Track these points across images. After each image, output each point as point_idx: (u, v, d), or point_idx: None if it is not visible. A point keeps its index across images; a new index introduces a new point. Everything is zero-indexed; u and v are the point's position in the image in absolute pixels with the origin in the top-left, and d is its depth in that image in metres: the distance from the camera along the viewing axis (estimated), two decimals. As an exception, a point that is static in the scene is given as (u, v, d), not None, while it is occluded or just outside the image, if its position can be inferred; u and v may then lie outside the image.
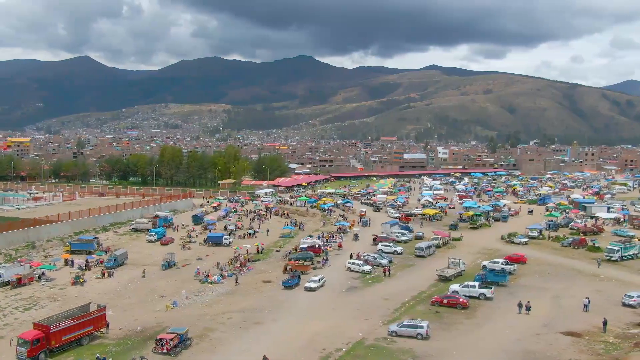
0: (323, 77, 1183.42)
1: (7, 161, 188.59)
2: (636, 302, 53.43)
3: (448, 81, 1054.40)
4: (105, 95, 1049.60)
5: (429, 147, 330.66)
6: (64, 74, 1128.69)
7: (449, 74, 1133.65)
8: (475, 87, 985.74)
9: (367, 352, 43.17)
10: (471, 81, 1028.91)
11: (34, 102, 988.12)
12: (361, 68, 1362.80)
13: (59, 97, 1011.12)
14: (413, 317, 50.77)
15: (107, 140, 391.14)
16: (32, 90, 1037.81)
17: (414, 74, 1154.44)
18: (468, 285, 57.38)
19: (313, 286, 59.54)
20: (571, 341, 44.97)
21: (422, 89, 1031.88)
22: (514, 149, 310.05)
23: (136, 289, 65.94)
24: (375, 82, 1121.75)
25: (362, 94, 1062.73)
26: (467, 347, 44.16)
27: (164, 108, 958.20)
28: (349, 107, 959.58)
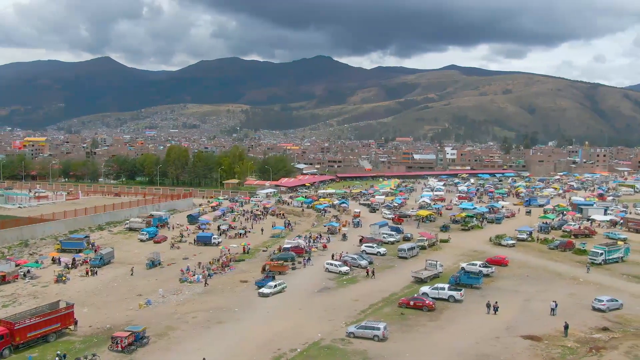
0: (341, 78, 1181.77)
1: (19, 160, 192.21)
2: (605, 306, 52.73)
3: (467, 81, 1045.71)
4: (125, 95, 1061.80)
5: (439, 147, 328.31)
6: (85, 74, 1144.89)
7: (468, 74, 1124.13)
8: (495, 87, 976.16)
9: (320, 352, 43.35)
10: (490, 81, 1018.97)
11: (56, 102, 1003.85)
12: (379, 68, 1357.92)
13: (80, 97, 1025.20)
14: (378, 319, 50.82)
15: (121, 140, 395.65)
16: (54, 90, 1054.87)
17: (433, 74, 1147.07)
18: (438, 287, 57.19)
19: (266, 292, 58.43)
20: (529, 345, 44.61)
21: (440, 89, 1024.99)
22: (526, 149, 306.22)
23: (117, 287, 66.82)
24: (394, 83, 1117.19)
25: (380, 94, 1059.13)
26: (422, 349, 44.09)
27: (182, 108, 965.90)
28: (366, 107, 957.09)
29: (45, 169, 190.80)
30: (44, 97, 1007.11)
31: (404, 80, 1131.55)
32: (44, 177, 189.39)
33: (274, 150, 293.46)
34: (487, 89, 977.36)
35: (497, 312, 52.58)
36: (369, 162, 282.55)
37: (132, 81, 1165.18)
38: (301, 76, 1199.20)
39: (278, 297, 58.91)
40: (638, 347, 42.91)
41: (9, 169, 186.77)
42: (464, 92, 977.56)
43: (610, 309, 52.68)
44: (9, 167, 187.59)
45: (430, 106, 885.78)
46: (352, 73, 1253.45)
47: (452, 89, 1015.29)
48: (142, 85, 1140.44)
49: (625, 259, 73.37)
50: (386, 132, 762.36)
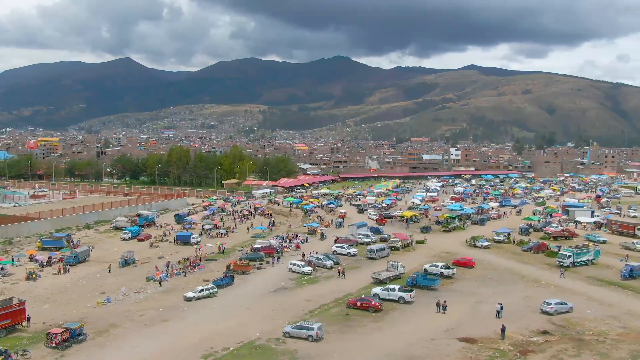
0: (359, 78, 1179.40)
1: (25, 160, 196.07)
2: (553, 309, 52.22)
3: (486, 81, 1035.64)
4: (145, 96, 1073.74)
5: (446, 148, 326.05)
6: (106, 75, 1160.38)
7: (488, 74, 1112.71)
8: (514, 87, 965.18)
9: (250, 352, 43.72)
10: (509, 81, 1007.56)
11: (78, 102, 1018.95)
12: (398, 68, 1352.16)
13: (101, 97, 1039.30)
14: (327, 319, 51.19)
15: (134, 140, 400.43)
16: (76, 91, 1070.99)
17: (452, 74, 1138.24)
18: (388, 288, 57.15)
19: (190, 296, 57.97)
20: (462, 347, 44.42)
21: (459, 89, 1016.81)
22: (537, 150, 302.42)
23: (85, 285, 67.98)
24: (412, 83, 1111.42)
25: (398, 95, 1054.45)
26: (352, 350, 44.18)
27: (200, 108, 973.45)
28: (384, 107, 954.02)
29: (51, 168, 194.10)
30: (66, 98, 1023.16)
31: (422, 80, 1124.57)
32: (50, 176, 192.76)
33: (281, 150, 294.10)
34: (506, 89, 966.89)
35: (445, 311, 52.81)
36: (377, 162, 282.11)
37: (152, 82, 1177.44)
38: (319, 76, 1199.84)
39: (230, 296, 59.58)
40: (566, 351, 42.44)
41: (16, 168, 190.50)
42: (482, 92, 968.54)
43: (558, 312, 52.14)
44: (15, 167, 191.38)
45: (448, 106, 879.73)
46: (370, 73, 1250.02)
47: (470, 89, 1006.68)
48: (162, 85, 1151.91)
49: (596, 261, 72.33)
50: (403, 132, 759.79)
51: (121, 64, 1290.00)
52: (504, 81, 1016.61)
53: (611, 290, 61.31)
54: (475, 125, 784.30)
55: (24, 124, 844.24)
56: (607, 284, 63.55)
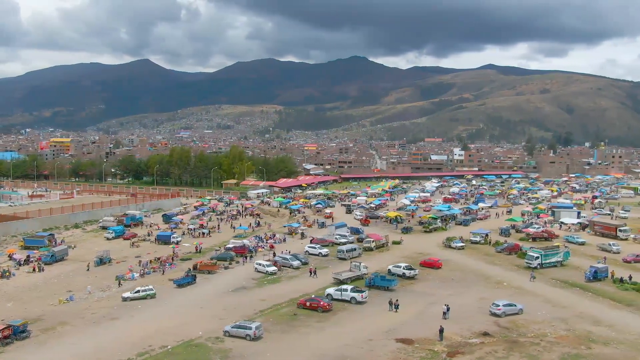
0: (376, 78, 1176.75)
1: (31, 161, 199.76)
2: (501, 310, 51.89)
3: (504, 81, 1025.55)
4: (163, 96, 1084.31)
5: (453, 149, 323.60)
6: (125, 76, 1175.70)
7: (506, 73, 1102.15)
8: (532, 87, 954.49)
9: (186, 350, 44.20)
10: (527, 81, 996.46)
11: (97, 103, 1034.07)
12: (415, 68, 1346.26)
13: (119, 98, 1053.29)
14: (273, 319, 51.65)
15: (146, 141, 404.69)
16: (95, 92, 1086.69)
17: (469, 73, 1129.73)
18: (341, 289, 57.29)
19: (125, 296, 58.45)
20: (397, 348, 44.40)
21: (476, 89, 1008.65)
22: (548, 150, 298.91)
23: (56, 283, 69.29)
24: (429, 83, 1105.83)
25: (415, 95, 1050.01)
26: (287, 349, 44.45)
27: (217, 109, 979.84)
28: (400, 107, 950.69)
29: (55, 168, 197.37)
30: (85, 99, 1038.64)
31: (439, 80, 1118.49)
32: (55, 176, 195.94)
33: (287, 150, 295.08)
34: (524, 88, 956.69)
35: (397, 309, 53.30)
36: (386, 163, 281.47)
37: (170, 83, 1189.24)
38: (336, 77, 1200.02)
39: (188, 295, 60.24)
40: (495, 353, 42.20)
41: (21, 168, 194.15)
42: (500, 91, 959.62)
43: (506, 314, 51.77)
44: (21, 167, 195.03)
45: (464, 106, 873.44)
46: (387, 73, 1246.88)
47: (488, 88, 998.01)
48: (180, 86, 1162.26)
49: (566, 263, 71.52)
50: (419, 132, 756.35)
51: (140, 65, 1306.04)
52: (522, 81, 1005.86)
53: (571, 292, 60.63)
54: (492, 125, 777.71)
55: (45, 124, 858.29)
56: (569, 285, 62.84)
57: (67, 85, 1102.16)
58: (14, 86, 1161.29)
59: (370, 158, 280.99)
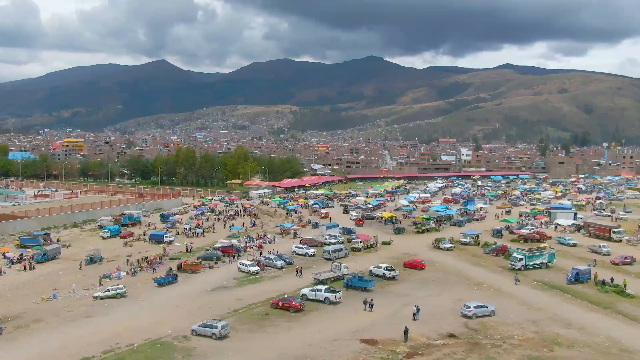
0: (392, 78, 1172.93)
1: (41, 161, 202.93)
2: (472, 312, 51.65)
3: (521, 80, 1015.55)
4: (179, 97, 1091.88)
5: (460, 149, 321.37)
6: (142, 77, 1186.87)
7: (523, 73, 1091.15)
8: (550, 87, 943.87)
9: (151, 348, 44.73)
10: (546, 80, 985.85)
11: (115, 104, 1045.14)
12: (432, 68, 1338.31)
13: (137, 99, 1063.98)
14: (244, 318, 52.05)
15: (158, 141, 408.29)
16: (113, 93, 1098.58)
17: (486, 73, 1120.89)
18: (315, 289, 57.49)
19: (96, 295, 59.30)
20: (359, 349, 44.47)
21: (493, 88, 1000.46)
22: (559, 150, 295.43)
23: (43, 281, 70.24)
24: (445, 82, 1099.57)
25: (431, 94, 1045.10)
26: (249, 348, 44.76)
27: (233, 109, 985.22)
28: (416, 107, 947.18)
29: (65, 168, 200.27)
30: (103, 100, 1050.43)
31: (455, 80, 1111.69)
32: (65, 176, 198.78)
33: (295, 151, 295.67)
34: (542, 88, 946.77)
35: (372, 309, 53.67)
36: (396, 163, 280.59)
37: (187, 83, 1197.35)
38: (352, 77, 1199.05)
39: (166, 293, 60.84)
40: (453, 355, 42.13)
41: (31, 168, 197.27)
42: (517, 91, 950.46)
43: (477, 316, 51.52)
44: (31, 167, 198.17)
45: (481, 106, 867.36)
46: (403, 73, 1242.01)
47: (505, 88, 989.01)
48: (196, 87, 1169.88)
49: (551, 264, 70.83)
50: (435, 132, 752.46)
51: (157, 66, 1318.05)
52: (540, 80, 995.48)
53: (550, 294, 60.09)
54: (509, 125, 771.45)
55: (64, 125, 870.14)
56: (550, 287, 62.28)
57: (86, 86, 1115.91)
58: (35, 87, 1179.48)
59: (380, 158, 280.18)
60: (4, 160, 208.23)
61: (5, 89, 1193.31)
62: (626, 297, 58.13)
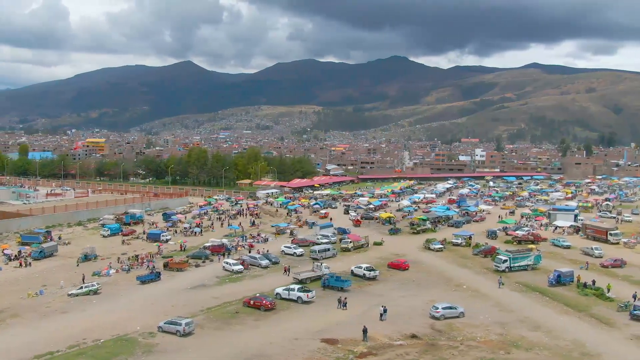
0: (416, 78, 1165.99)
1: (59, 161, 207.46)
2: (440, 313, 51.42)
3: (548, 80, 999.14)
4: (204, 98, 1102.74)
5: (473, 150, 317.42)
6: (168, 78, 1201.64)
7: (550, 72, 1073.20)
8: (577, 86, 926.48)
9: (115, 344, 45.66)
10: (573, 79, 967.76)
11: (141, 105, 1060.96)
12: (457, 68, 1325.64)
13: (163, 100, 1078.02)
14: (214, 316, 52.82)
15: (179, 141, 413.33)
16: (140, 94, 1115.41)
17: (512, 72, 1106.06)
18: (289, 288, 57.89)
19: (71, 292, 60.63)
20: (318, 348, 44.72)
21: (519, 88, 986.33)
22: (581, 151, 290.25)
23: (36, 277, 72.23)
24: (470, 82, 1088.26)
25: (456, 94, 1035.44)
26: (210, 346, 45.34)
27: (257, 110, 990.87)
28: (440, 107, 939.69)
29: (81, 168, 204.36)
30: (130, 100, 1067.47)
31: (481, 79, 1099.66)
32: (82, 176, 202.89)
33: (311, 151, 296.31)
34: (570, 87, 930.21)
35: (346, 307, 54.33)
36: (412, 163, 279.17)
37: (212, 84, 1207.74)
38: (376, 77, 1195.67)
39: (146, 291, 61.98)
40: (405, 356, 42.10)
41: (49, 167, 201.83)
42: (543, 91, 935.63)
43: (445, 317, 51.27)
44: (48, 166, 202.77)
45: (506, 106, 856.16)
46: (427, 73, 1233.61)
47: (531, 88, 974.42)
48: (221, 88, 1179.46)
49: (538, 266, 69.92)
50: (459, 132, 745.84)
51: (183, 67, 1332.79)
52: (568, 80, 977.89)
53: (528, 296, 59.40)
54: (534, 126, 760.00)
55: (91, 125, 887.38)
56: (531, 290, 61.51)
57: (114, 87, 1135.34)
58: (64, 88, 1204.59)
59: (395, 159, 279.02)
60: (23, 159, 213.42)
61: (36, 90, 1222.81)
62: (605, 300, 57.14)
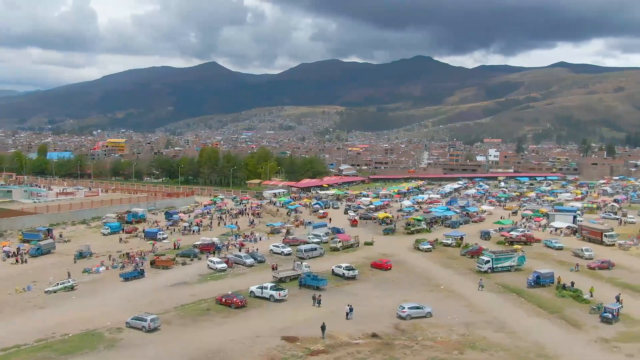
0: (440, 78, 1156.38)
1: (75, 161, 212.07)
2: (406, 313, 51.49)
3: (575, 79, 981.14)
4: (228, 98, 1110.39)
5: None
6: (193, 79, 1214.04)
7: (578, 71, 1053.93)
8: (605, 85, 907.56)
9: (81, 338, 46.94)
10: (601, 79, 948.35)
11: (166, 106, 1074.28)
12: (482, 67, 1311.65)
13: (187, 101, 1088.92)
14: (184, 313, 53.86)
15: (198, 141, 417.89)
16: (165, 95, 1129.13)
17: (538, 72, 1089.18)
18: (262, 286, 58.54)
19: (48, 289, 61.81)
20: (276, 345, 45.27)
21: (545, 87, 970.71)
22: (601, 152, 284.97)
23: (30, 274, 73.80)
24: (495, 82, 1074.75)
25: (480, 94, 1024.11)
26: (172, 342, 46.24)
27: (280, 110, 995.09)
28: (463, 107, 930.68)
29: (97, 168, 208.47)
30: (155, 101, 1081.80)
31: (506, 79, 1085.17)
32: (98, 175, 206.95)
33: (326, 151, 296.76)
34: (597, 87, 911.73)
35: (320, 304, 55.17)
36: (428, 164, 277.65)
37: (236, 85, 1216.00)
38: (399, 77, 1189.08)
39: (125, 287, 63.29)
40: (356, 354, 42.41)
41: (66, 167, 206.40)
42: (570, 90, 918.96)
43: (411, 317, 51.29)
44: (65, 166, 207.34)
45: (531, 106, 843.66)
46: (451, 73, 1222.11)
47: (557, 87, 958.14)
48: (245, 88, 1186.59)
49: (522, 267, 69.27)
50: (483, 132, 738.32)
51: (207, 68, 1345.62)
52: (595, 79, 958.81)
53: (504, 297, 58.98)
54: (560, 126, 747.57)
55: (117, 126, 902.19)
56: (508, 291, 61.04)
57: (139, 88, 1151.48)
58: (92, 89, 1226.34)
59: (411, 159, 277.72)
60: (41, 159, 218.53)
61: (65, 92, 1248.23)
62: (581, 302, 56.39)
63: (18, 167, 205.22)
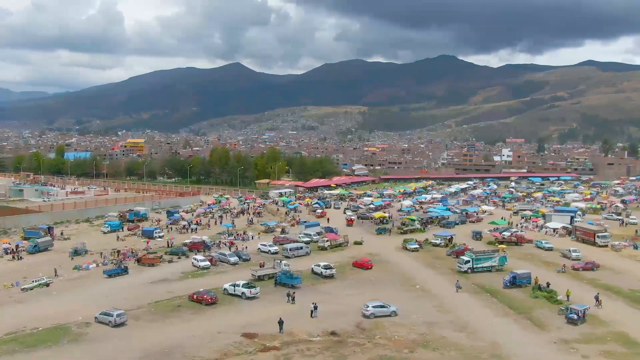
0: (464, 77, 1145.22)
1: (91, 161, 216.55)
2: (370, 312, 51.73)
3: (602, 78, 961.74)
4: (252, 99, 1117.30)
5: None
6: (217, 80, 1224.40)
7: (606, 69, 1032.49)
8: (634, 84, 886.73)
9: (49, 332, 48.32)
10: (629, 77, 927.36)
11: (190, 106, 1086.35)
12: (507, 66, 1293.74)
13: (211, 101, 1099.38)
14: (155, 309, 55.01)
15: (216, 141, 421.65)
16: (190, 95, 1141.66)
17: (564, 70, 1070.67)
18: (235, 284, 59.33)
19: (23, 287, 62.92)
20: (234, 341, 45.98)
21: (571, 86, 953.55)
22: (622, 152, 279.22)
23: (23, 270, 75.58)
24: (520, 81, 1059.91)
25: (504, 94, 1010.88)
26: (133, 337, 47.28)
27: (302, 110, 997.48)
28: (487, 107, 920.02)
29: (112, 167, 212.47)
30: (180, 102, 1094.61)
31: (531, 78, 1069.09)
32: (113, 175, 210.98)
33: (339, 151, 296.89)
34: (626, 85, 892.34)
35: (294, 301, 56.03)
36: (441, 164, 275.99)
37: (260, 85, 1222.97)
38: (423, 76, 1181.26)
39: (106, 284, 64.72)
40: (305, 351, 42.80)
41: (81, 167, 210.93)
42: (597, 89, 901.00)
43: (376, 316, 51.49)
44: (81, 166, 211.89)
45: (557, 105, 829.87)
46: (476, 72, 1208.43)
47: (584, 86, 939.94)
48: (269, 88, 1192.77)
49: (503, 267, 68.75)
50: (507, 132, 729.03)
51: (231, 69, 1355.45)
52: (624, 77, 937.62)
53: (476, 298, 58.61)
54: (587, 125, 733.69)
55: (142, 126, 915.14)
56: (484, 291, 60.71)
57: (165, 89, 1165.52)
58: (118, 90, 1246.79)
59: (426, 159, 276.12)
60: (58, 159, 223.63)
61: (92, 93, 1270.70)
62: (554, 302, 55.81)
63: (36, 167, 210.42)
